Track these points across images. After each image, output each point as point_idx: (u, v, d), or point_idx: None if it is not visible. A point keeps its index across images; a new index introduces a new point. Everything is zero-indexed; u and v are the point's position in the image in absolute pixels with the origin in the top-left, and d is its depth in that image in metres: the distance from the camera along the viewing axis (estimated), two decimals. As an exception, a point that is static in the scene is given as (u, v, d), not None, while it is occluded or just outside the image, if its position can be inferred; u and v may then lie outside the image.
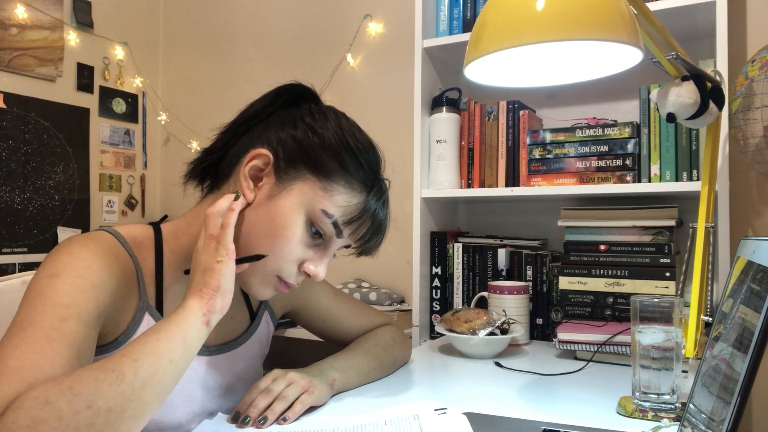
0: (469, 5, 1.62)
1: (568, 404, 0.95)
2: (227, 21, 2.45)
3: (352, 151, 0.80)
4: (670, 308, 0.87)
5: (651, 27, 0.90)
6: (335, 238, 0.81)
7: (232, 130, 0.85)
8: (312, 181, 0.78)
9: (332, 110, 0.85)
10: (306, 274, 0.80)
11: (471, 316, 1.33)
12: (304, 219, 0.78)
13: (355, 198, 0.80)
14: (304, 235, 0.78)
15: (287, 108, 0.84)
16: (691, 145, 1.36)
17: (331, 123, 0.81)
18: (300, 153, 0.78)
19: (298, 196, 0.77)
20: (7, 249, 2.09)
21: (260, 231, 0.77)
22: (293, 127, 0.80)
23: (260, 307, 0.98)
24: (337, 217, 0.79)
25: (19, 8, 2.12)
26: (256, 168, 0.79)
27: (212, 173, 0.85)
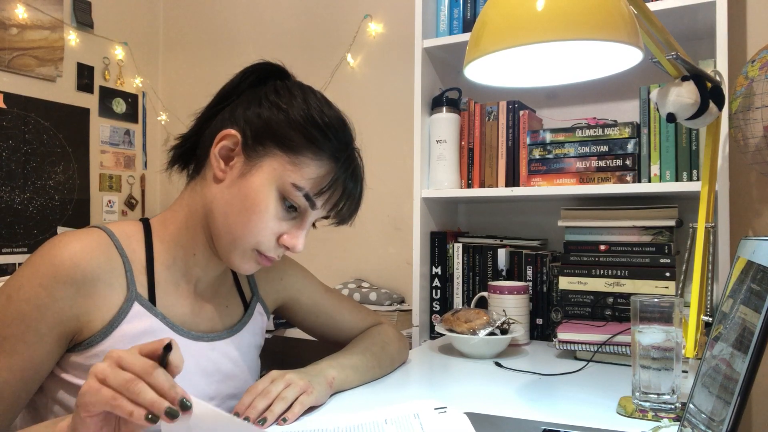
0: (469, 5, 1.62)
1: (568, 404, 0.95)
2: (227, 21, 2.45)
3: (318, 124, 0.81)
4: (670, 308, 0.87)
5: (651, 27, 0.90)
6: (310, 210, 0.82)
7: (205, 113, 0.87)
8: (280, 157, 0.80)
9: (298, 86, 0.86)
10: (285, 246, 0.82)
11: (471, 316, 1.33)
12: (276, 194, 0.80)
13: (323, 169, 0.81)
14: (278, 209, 0.80)
15: (255, 87, 0.86)
16: (691, 145, 1.36)
17: (297, 98, 0.82)
18: (266, 130, 0.80)
19: (267, 172, 0.80)
20: (7, 249, 2.09)
21: (235, 209, 0.80)
22: (258, 105, 0.82)
23: (252, 298, 0.99)
24: (308, 190, 0.80)
25: (19, 8, 2.12)
26: (226, 148, 0.81)
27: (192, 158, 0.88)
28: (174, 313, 0.83)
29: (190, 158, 0.89)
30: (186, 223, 0.85)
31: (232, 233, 0.81)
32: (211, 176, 0.83)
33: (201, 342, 0.86)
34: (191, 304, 0.87)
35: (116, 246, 0.79)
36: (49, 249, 0.75)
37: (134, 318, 0.78)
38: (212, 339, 0.88)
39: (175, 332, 0.82)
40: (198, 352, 0.85)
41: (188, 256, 0.85)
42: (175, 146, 0.89)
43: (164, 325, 0.81)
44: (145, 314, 0.79)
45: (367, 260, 2.07)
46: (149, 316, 0.80)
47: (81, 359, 0.75)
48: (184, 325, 0.85)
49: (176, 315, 0.84)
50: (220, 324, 0.91)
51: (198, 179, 0.86)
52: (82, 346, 0.75)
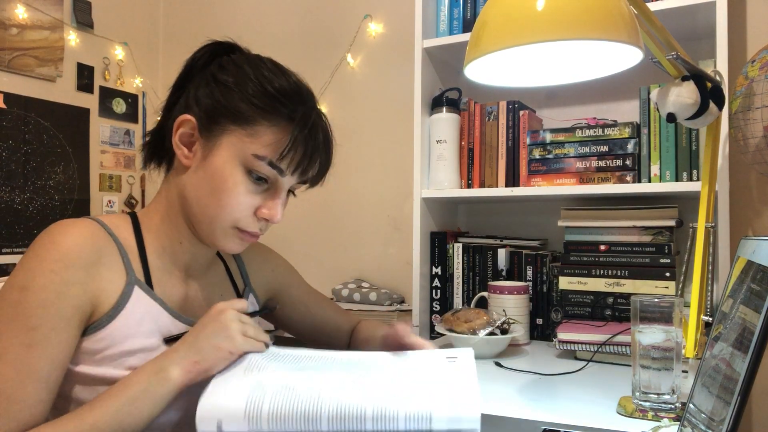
0: (469, 5, 1.62)
1: (568, 404, 0.95)
2: (227, 21, 2.45)
3: (268, 93, 0.80)
4: (670, 308, 0.87)
5: (651, 27, 0.90)
6: (280, 178, 0.82)
7: (165, 105, 0.88)
8: (236, 131, 0.80)
9: (246, 58, 0.85)
10: (264, 219, 0.83)
11: (471, 316, 1.33)
12: (241, 168, 0.80)
13: (280, 133, 0.80)
14: (247, 183, 0.80)
15: (204, 69, 0.85)
16: (691, 145, 1.36)
17: (243, 70, 0.82)
18: (218, 108, 0.80)
19: (227, 149, 0.80)
20: (7, 249, 2.08)
21: (205, 192, 0.80)
22: (206, 84, 0.82)
23: (245, 289, 1.00)
24: (270, 156, 0.80)
25: (19, 8, 2.12)
26: (186, 135, 0.82)
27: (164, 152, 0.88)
28: (170, 299, 0.84)
29: (163, 153, 0.89)
30: (167, 213, 0.86)
31: (208, 215, 0.81)
32: (179, 164, 0.84)
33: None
34: (185, 292, 0.87)
35: (109, 233, 0.80)
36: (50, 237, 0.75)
37: (136, 301, 0.79)
38: None
39: (173, 317, 0.83)
40: None
41: (175, 244, 0.86)
42: (144, 144, 0.90)
43: (163, 309, 0.82)
44: (145, 298, 0.80)
45: (367, 260, 2.07)
46: (149, 300, 0.81)
47: (90, 344, 0.76)
48: (180, 310, 0.85)
49: (173, 300, 0.85)
50: None
51: (172, 172, 0.87)
52: (90, 329, 0.76)
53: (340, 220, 2.11)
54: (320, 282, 2.14)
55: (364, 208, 2.06)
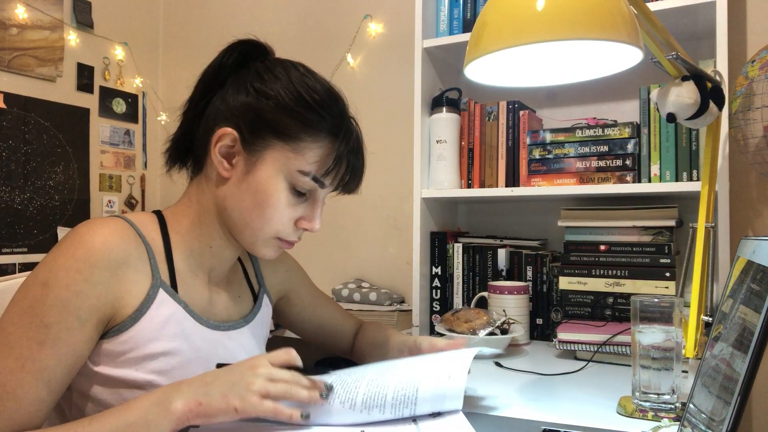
0: (469, 5, 1.62)
1: (568, 404, 0.95)
2: (227, 21, 2.45)
3: (309, 105, 0.80)
4: (670, 308, 0.87)
5: (651, 27, 0.90)
6: (319, 189, 0.83)
7: (192, 108, 0.86)
8: (280, 146, 0.80)
9: (280, 64, 0.84)
10: (303, 229, 0.84)
11: (471, 316, 1.33)
12: (285, 183, 0.80)
13: (325, 149, 0.81)
14: (290, 197, 0.81)
15: (237, 71, 0.84)
16: (691, 145, 1.36)
17: (282, 80, 0.81)
18: (260, 122, 0.79)
19: (272, 164, 0.80)
20: (7, 249, 2.08)
21: (248, 205, 0.81)
22: (246, 94, 0.81)
23: (260, 289, 1.00)
24: (314, 173, 0.81)
25: (19, 8, 2.12)
26: (226, 147, 0.81)
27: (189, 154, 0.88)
28: (194, 302, 0.84)
29: (187, 155, 0.88)
30: (200, 218, 0.85)
31: (251, 227, 0.82)
32: (215, 175, 0.83)
33: (218, 331, 0.87)
34: (208, 294, 0.88)
35: (138, 234, 0.80)
36: (80, 235, 0.75)
37: (160, 304, 0.79)
38: (228, 328, 0.89)
39: (195, 320, 0.83)
40: (216, 340, 0.86)
41: (204, 248, 0.86)
42: (170, 147, 0.89)
43: (186, 313, 0.82)
44: (169, 301, 0.80)
45: (367, 260, 2.07)
46: (173, 303, 0.81)
47: (111, 346, 0.76)
48: (203, 314, 0.85)
49: (196, 304, 0.85)
50: (235, 314, 0.92)
51: (202, 177, 0.86)
52: (112, 332, 0.76)
53: (340, 220, 2.11)
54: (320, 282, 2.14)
55: (364, 208, 2.06)
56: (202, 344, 0.83)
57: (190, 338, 0.81)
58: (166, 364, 0.78)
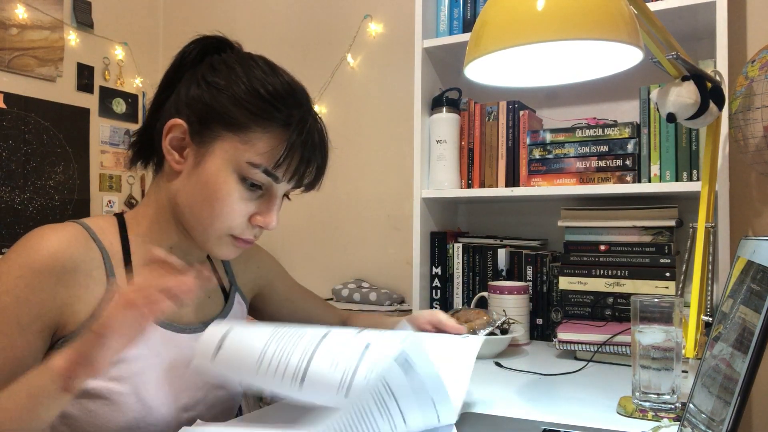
0: (469, 5, 1.62)
1: (568, 404, 0.95)
2: (227, 21, 2.45)
3: (260, 95, 0.78)
4: (670, 308, 0.87)
5: (651, 27, 0.90)
6: (274, 184, 0.80)
7: (153, 104, 0.85)
8: (229, 137, 0.77)
9: (238, 57, 0.82)
10: (258, 226, 0.81)
11: (471, 316, 1.33)
12: (235, 176, 0.78)
13: (275, 140, 0.78)
14: (241, 191, 0.78)
15: (194, 67, 0.83)
16: (691, 145, 1.36)
17: (235, 71, 0.79)
18: (209, 112, 0.78)
19: (220, 156, 0.77)
20: (6, 249, 2.08)
21: (198, 199, 0.78)
22: (197, 86, 0.79)
23: (231, 288, 0.98)
24: (265, 165, 0.78)
25: (19, 8, 2.12)
26: (176, 139, 0.80)
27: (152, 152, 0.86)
28: None
29: (151, 152, 0.87)
30: (156, 218, 0.84)
31: (202, 223, 0.79)
32: (169, 169, 0.82)
33: (184, 334, 0.85)
34: None
35: (93, 239, 0.78)
36: (26, 242, 0.74)
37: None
38: (195, 330, 0.87)
39: (159, 325, 0.81)
40: (183, 343, 0.84)
41: (164, 249, 0.84)
42: (132, 143, 0.87)
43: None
44: None
45: (367, 260, 2.07)
46: None
47: None
48: (167, 318, 0.83)
49: None
50: (205, 315, 0.90)
51: (161, 173, 0.84)
52: (66, 339, 0.74)
53: (340, 220, 2.11)
54: (320, 282, 2.14)
55: (364, 208, 2.06)
56: (164, 349, 0.81)
57: (150, 343, 0.79)
58: (126, 370, 0.76)
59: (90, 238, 0.78)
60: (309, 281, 1.15)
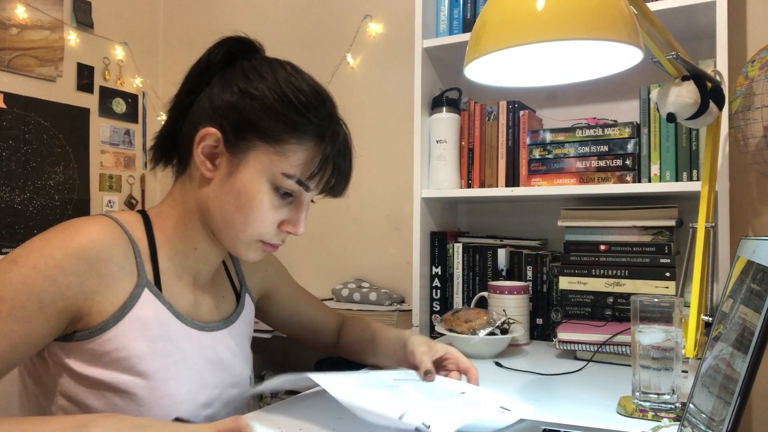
0: (469, 5, 1.62)
1: (568, 404, 0.95)
2: (227, 21, 2.44)
3: (295, 107, 0.78)
4: (670, 308, 0.87)
5: (651, 27, 0.90)
6: (304, 192, 0.82)
7: (177, 105, 0.85)
8: (264, 148, 0.78)
9: (267, 63, 0.82)
10: (287, 232, 0.83)
11: (471, 316, 1.33)
12: (268, 186, 0.79)
13: (310, 151, 0.79)
14: (274, 200, 0.80)
15: (224, 69, 0.83)
16: (691, 145, 1.36)
17: (267, 80, 0.79)
18: (243, 123, 0.78)
19: (254, 166, 0.78)
20: (7, 249, 2.08)
21: (230, 207, 0.79)
22: (230, 93, 0.79)
23: (242, 288, 0.99)
24: (299, 176, 0.79)
25: (19, 8, 2.12)
26: (209, 147, 0.80)
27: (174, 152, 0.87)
28: (178, 303, 0.84)
29: (172, 153, 0.87)
30: (183, 219, 0.84)
31: (234, 230, 0.81)
32: (198, 175, 0.82)
33: (203, 332, 0.86)
34: (192, 295, 0.87)
35: (125, 232, 0.79)
36: (64, 228, 0.74)
37: (144, 304, 0.78)
38: (212, 329, 0.88)
39: (181, 321, 0.83)
40: (201, 342, 0.85)
41: (189, 249, 0.85)
42: (154, 146, 0.88)
43: (171, 314, 0.81)
44: (154, 301, 0.79)
45: (367, 260, 2.07)
46: (158, 304, 0.80)
47: (95, 346, 0.75)
48: (188, 315, 0.85)
49: (180, 305, 0.84)
50: (218, 314, 0.92)
51: (186, 177, 0.85)
52: (94, 331, 0.74)
53: (340, 220, 2.11)
54: (320, 282, 2.14)
55: (364, 208, 2.06)
56: (187, 345, 0.82)
57: (174, 340, 0.80)
58: (151, 365, 0.77)
59: (123, 232, 0.79)
60: (309, 281, 1.15)
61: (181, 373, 0.80)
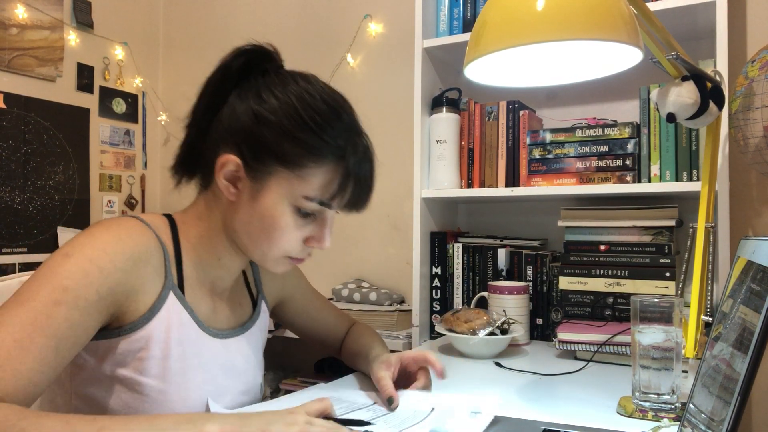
0: (469, 5, 1.62)
1: (568, 404, 0.95)
2: (227, 21, 2.44)
3: (311, 129, 0.77)
4: (670, 308, 0.87)
5: (651, 27, 0.90)
6: (328, 210, 0.83)
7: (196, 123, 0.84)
8: (284, 173, 0.78)
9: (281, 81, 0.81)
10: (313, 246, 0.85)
11: (471, 316, 1.33)
12: (291, 208, 0.80)
13: (330, 173, 0.80)
14: (297, 220, 0.80)
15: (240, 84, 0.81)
16: (691, 145, 1.36)
17: (282, 101, 0.78)
18: (262, 149, 0.78)
19: (276, 190, 0.79)
20: (7, 249, 2.08)
21: (255, 229, 0.80)
22: (246, 117, 0.78)
23: (258, 295, 1.00)
24: (320, 197, 0.80)
25: (19, 8, 2.12)
26: (231, 172, 0.80)
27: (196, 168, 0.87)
28: (199, 309, 0.85)
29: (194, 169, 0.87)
30: (209, 234, 0.85)
31: (261, 248, 0.82)
32: (222, 196, 0.82)
33: (218, 339, 0.87)
34: (211, 303, 0.88)
35: (156, 236, 0.80)
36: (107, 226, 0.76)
37: (170, 307, 0.79)
38: (227, 336, 0.89)
39: (199, 327, 0.84)
40: (216, 348, 0.86)
41: (213, 260, 0.86)
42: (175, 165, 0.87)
43: (192, 319, 0.82)
44: (178, 305, 0.81)
45: (367, 260, 2.07)
46: (181, 308, 0.81)
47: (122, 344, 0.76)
48: (206, 321, 0.86)
49: (200, 310, 0.85)
50: (234, 321, 0.93)
51: (210, 193, 0.85)
52: (125, 329, 0.75)
53: (340, 219, 2.10)
54: (320, 282, 2.14)
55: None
56: (202, 351, 0.83)
57: (193, 344, 0.82)
58: (168, 369, 0.78)
59: (154, 235, 0.80)
60: (309, 281, 1.15)
61: (196, 377, 0.81)
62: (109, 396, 0.76)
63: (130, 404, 0.76)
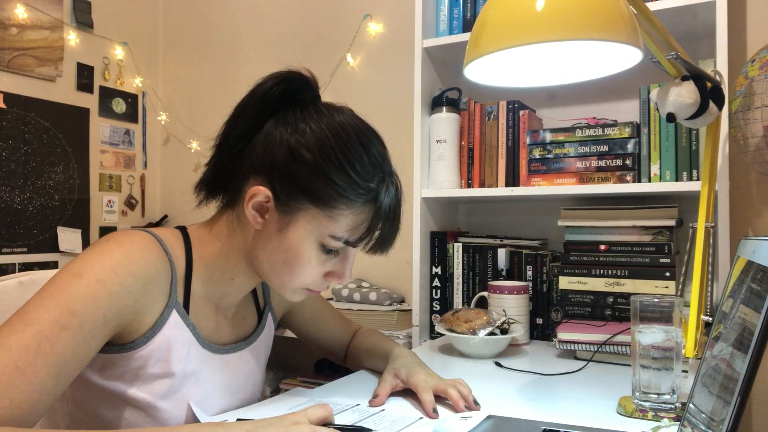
0: (469, 5, 1.62)
1: (568, 404, 0.95)
2: (227, 21, 2.44)
3: (345, 173, 0.77)
4: (670, 308, 0.87)
5: (651, 27, 0.90)
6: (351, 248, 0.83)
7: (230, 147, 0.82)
8: (314, 210, 0.78)
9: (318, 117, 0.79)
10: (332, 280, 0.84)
11: (471, 316, 1.33)
12: (316, 244, 0.79)
13: (360, 216, 0.80)
14: (320, 256, 0.80)
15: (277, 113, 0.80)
16: (691, 145, 1.36)
17: (319, 138, 0.77)
18: (295, 185, 0.77)
19: (304, 227, 0.78)
20: (7, 249, 2.08)
21: (278, 259, 0.80)
22: (284, 150, 0.77)
23: (265, 307, 1.00)
24: (347, 237, 0.80)
25: (19, 8, 2.12)
26: (259, 203, 0.79)
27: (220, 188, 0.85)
28: (202, 325, 0.84)
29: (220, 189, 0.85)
30: (226, 253, 0.84)
31: (281, 279, 0.82)
32: (247, 222, 0.81)
33: (219, 354, 0.87)
34: (216, 318, 0.87)
35: (166, 252, 0.79)
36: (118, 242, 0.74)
37: (172, 325, 0.79)
38: (230, 351, 0.89)
39: (200, 344, 0.83)
40: (218, 365, 0.86)
41: (225, 279, 0.86)
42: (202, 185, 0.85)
43: (194, 337, 0.82)
44: (180, 323, 0.80)
45: (367, 260, 2.07)
46: (183, 326, 0.80)
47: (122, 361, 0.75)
48: (209, 338, 0.85)
49: (204, 327, 0.84)
50: (238, 334, 0.92)
51: (233, 215, 0.83)
52: (126, 347, 0.75)
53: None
54: (320, 282, 2.14)
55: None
56: (203, 368, 0.83)
57: (193, 362, 0.81)
58: (168, 387, 0.78)
59: (164, 252, 0.79)
60: (309, 281, 1.15)
61: (193, 395, 0.81)
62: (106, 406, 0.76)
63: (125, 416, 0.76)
